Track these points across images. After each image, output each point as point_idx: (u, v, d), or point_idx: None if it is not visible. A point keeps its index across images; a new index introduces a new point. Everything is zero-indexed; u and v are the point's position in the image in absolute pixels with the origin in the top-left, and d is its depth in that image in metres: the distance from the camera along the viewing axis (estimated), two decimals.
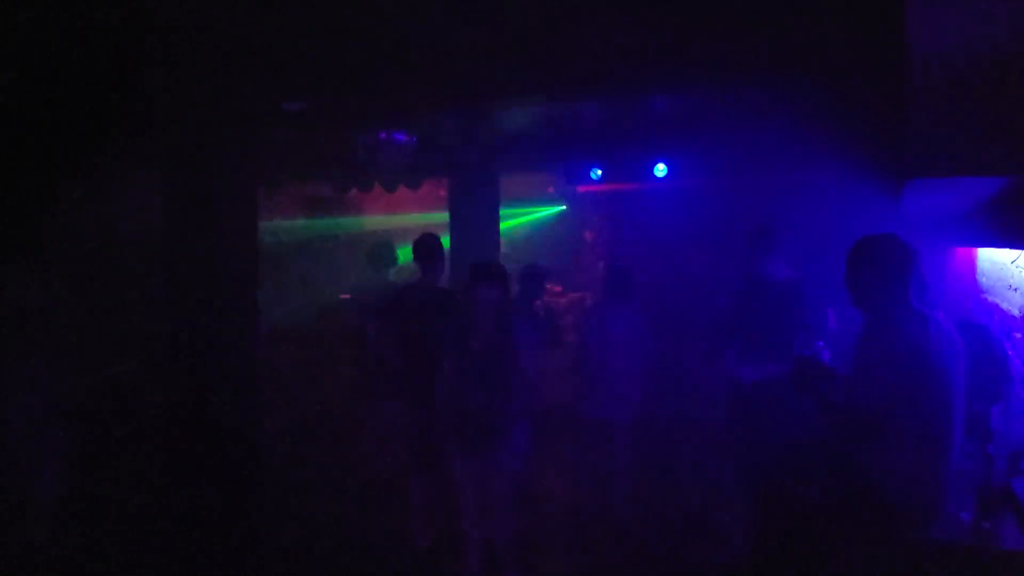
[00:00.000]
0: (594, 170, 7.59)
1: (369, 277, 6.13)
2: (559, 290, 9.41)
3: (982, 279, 4.47)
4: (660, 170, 7.12)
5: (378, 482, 6.06)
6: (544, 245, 10.88)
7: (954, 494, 3.04)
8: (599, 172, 7.59)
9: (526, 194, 10.76)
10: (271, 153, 7.22)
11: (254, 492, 5.46)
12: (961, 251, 4.64)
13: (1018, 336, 3.82)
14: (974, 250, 4.52)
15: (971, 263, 4.59)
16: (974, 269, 4.57)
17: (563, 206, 11.37)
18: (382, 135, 7.43)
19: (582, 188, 8.84)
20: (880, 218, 3.77)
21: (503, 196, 8.25)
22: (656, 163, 7.11)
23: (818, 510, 3.14)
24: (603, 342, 5.43)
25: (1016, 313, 3.86)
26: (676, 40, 4.45)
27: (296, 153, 7.75)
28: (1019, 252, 3.76)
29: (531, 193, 10.91)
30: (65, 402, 4.26)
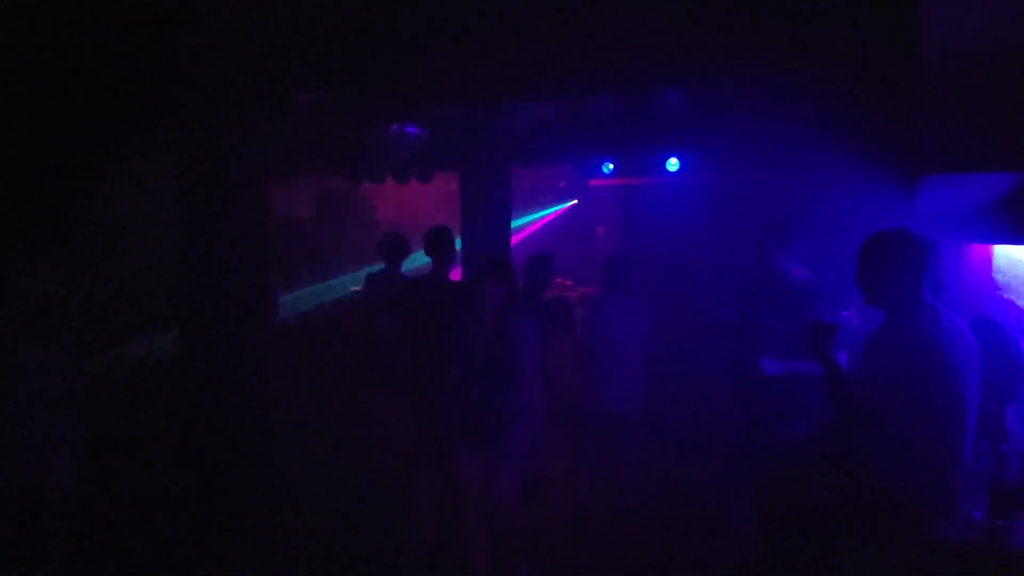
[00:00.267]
0: (606, 164, 7.55)
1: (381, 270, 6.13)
2: (569, 284, 9.38)
3: (998, 276, 4.43)
4: (672, 164, 7.07)
5: (385, 477, 6.07)
6: (555, 240, 10.85)
7: (967, 493, 3.01)
8: (611, 166, 7.55)
9: (533, 201, 10.77)
10: (284, 145, 7.24)
11: (262, 485, 5.48)
12: (977, 248, 4.59)
13: None
14: (990, 247, 4.48)
15: (987, 260, 4.55)
16: (990, 266, 4.53)
17: (574, 200, 11.36)
18: (394, 127, 7.42)
19: (594, 182, 8.82)
20: (895, 214, 3.73)
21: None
22: (668, 158, 7.07)
23: (827, 507, 3.12)
24: (605, 335, 5.40)
25: None
26: (690, 35, 4.43)
27: (309, 145, 7.77)
28: None
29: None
30: (77, 392, 4.28)
